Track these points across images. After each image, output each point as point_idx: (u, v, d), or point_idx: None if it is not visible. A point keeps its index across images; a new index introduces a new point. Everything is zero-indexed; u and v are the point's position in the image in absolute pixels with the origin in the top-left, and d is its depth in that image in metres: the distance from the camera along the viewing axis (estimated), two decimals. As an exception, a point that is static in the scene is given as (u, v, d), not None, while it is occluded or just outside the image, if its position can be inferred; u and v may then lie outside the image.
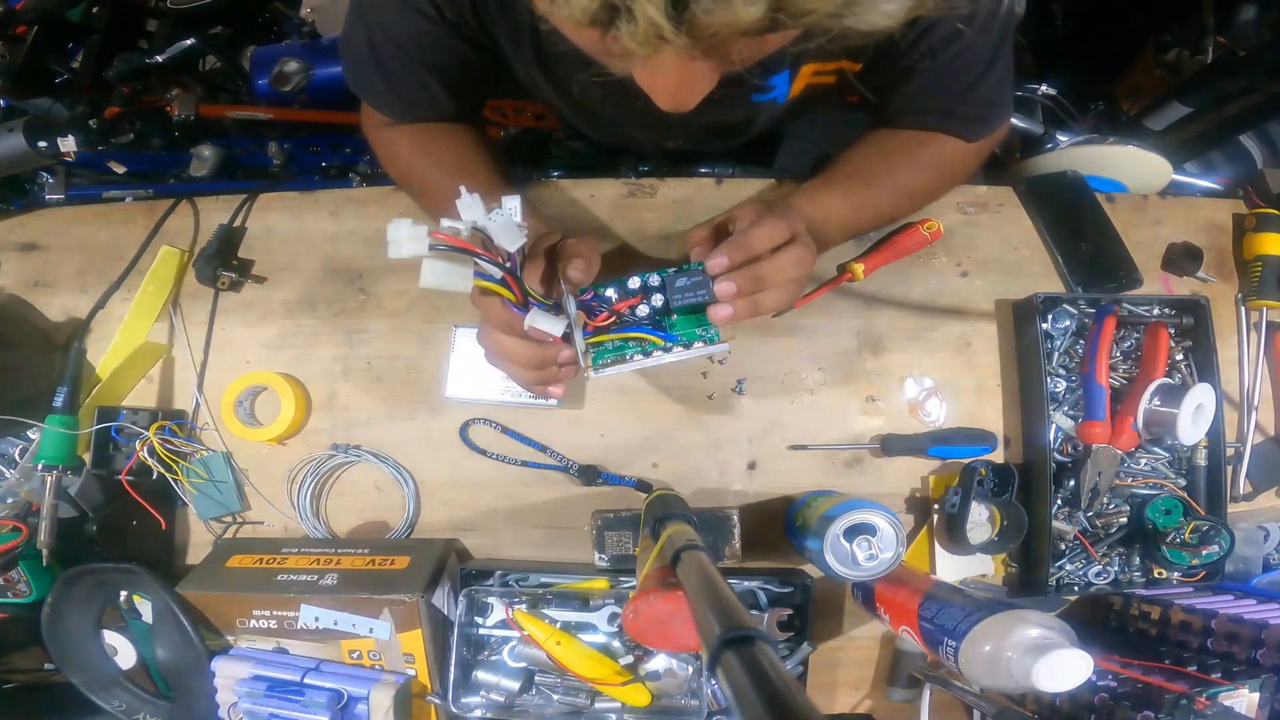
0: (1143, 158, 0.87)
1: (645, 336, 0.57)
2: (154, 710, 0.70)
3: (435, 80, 0.67)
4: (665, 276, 0.56)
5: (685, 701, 0.67)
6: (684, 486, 0.75)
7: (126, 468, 0.71)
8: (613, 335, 0.57)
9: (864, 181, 0.69)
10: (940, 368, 0.76)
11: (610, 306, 0.56)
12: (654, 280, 0.57)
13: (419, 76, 0.66)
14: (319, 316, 0.79)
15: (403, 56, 0.65)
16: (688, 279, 0.56)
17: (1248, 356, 0.77)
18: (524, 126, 1.19)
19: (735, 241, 0.55)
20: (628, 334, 0.57)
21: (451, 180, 0.69)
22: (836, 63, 0.64)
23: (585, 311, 0.56)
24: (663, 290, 0.56)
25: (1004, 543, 0.70)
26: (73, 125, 0.81)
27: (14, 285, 0.81)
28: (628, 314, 0.57)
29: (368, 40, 0.65)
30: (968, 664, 0.54)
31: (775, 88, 0.67)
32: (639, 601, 0.44)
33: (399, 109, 0.71)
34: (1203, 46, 1.27)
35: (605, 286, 0.57)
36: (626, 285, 0.57)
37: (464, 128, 0.74)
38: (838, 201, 0.67)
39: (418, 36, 0.63)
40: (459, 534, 0.75)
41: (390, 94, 0.69)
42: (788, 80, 0.66)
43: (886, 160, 0.70)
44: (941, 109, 0.67)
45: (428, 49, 0.64)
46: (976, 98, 0.66)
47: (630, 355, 0.57)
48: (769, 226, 0.55)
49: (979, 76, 0.64)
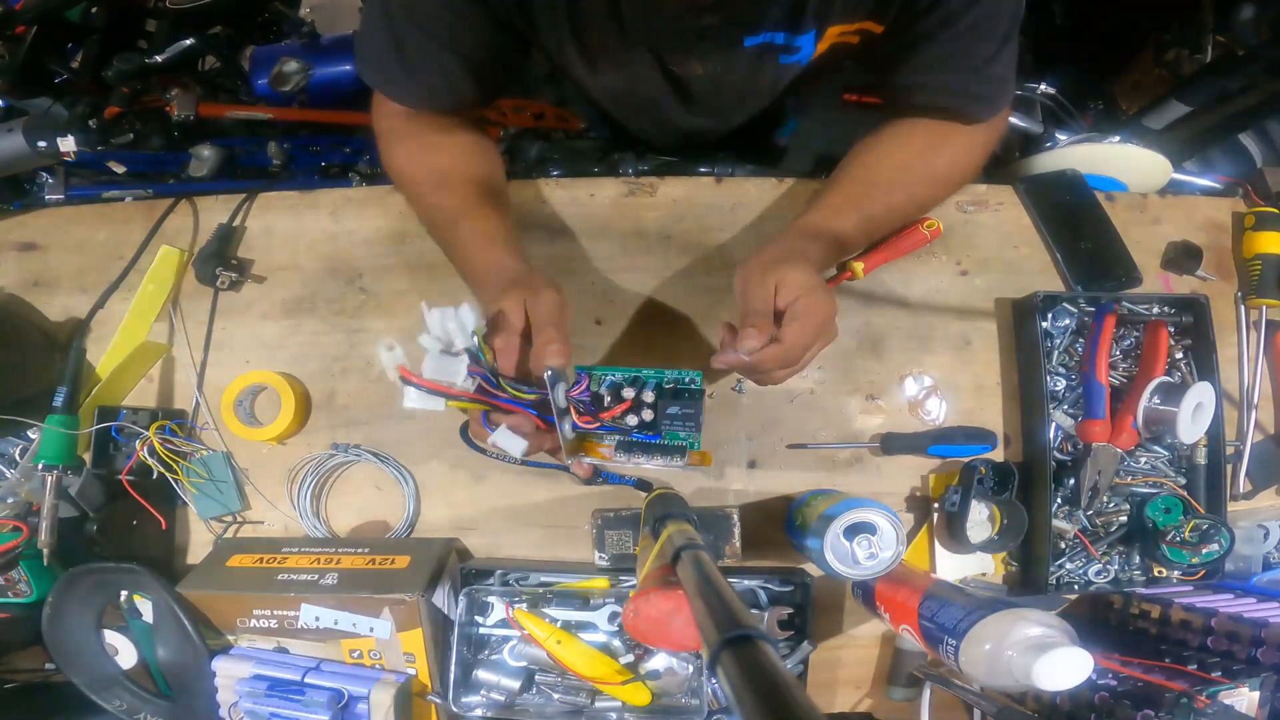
0: (1142, 156, 0.87)
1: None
2: (154, 710, 0.69)
3: (456, 63, 0.66)
4: (661, 397, 0.58)
5: (685, 700, 0.67)
6: (684, 486, 0.75)
7: (127, 467, 0.71)
8: (602, 436, 0.59)
9: (880, 193, 0.70)
10: (940, 366, 0.76)
11: (598, 414, 0.57)
12: (648, 395, 0.58)
13: (440, 59, 0.66)
14: (319, 316, 0.79)
15: (424, 38, 0.64)
16: (679, 406, 0.58)
17: (1247, 355, 0.77)
18: (524, 127, 1.20)
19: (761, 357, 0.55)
20: (615, 434, 0.59)
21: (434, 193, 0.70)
22: (860, 23, 0.64)
23: (574, 407, 0.57)
24: (654, 408, 0.58)
25: (1004, 541, 0.70)
26: (72, 125, 0.81)
27: (14, 285, 0.81)
28: (619, 422, 0.58)
29: (387, 24, 0.65)
30: (968, 663, 0.54)
31: (801, 49, 0.67)
32: (639, 600, 0.44)
33: (416, 95, 0.69)
34: (1202, 45, 1.27)
35: (601, 372, 0.58)
36: (620, 391, 0.58)
37: (468, 135, 0.74)
38: (853, 217, 0.68)
39: (443, 14, 0.63)
40: (459, 533, 0.75)
41: (408, 79, 0.68)
42: (813, 41, 0.66)
43: (902, 172, 0.70)
44: (955, 85, 0.67)
45: (453, 27, 0.64)
46: (989, 74, 0.66)
47: (617, 451, 0.59)
48: (799, 335, 0.56)
49: (993, 53, 0.64)
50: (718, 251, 0.79)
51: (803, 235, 0.65)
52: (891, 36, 0.65)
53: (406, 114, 0.71)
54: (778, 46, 0.67)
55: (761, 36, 0.65)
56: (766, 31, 0.65)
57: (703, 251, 0.78)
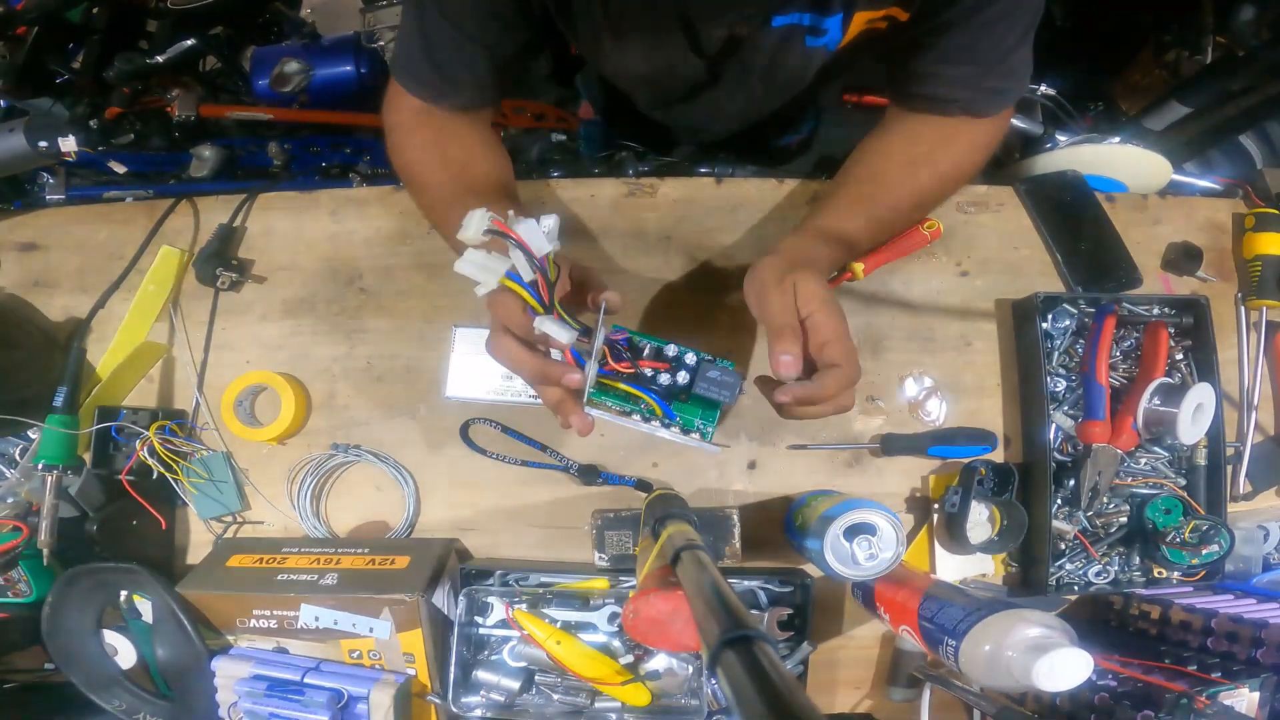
0: (1142, 157, 0.87)
1: (651, 403, 0.57)
2: (154, 710, 0.69)
3: (483, 59, 0.67)
4: (701, 361, 0.57)
5: (685, 701, 0.67)
6: (684, 486, 0.75)
7: (126, 467, 0.71)
8: (623, 385, 0.57)
9: (887, 193, 0.69)
10: (940, 367, 0.76)
11: (636, 360, 0.56)
12: (690, 359, 0.57)
13: (468, 56, 0.67)
14: (319, 316, 0.79)
15: (456, 34, 0.65)
16: (719, 374, 0.56)
17: (1247, 356, 0.77)
18: (524, 127, 1.20)
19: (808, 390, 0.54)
20: (638, 392, 0.57)
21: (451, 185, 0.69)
22: (888, 8, 0.64)
23: (609, 348, 0.56)
24: (693, 372, 0.56)
25: (1004, 542, 0.70)
26: (73, 125, 0.81)
27: (14, 285, 0.81)
28: (648, 374, 0.57)
29: (418, 18, 0.66)
30: (968, 663, 0.54)
31: (828, 31, 0.67)
32: (639, 601, 0.44)
33: (439, 91, 0.70)
34: (1202, 46, 1.27)
35: (642, 338, 0.57)
36: (662, 348, 0.57)
37: (482, 133, 0.74)
38: (861, 217, 0.67)
39: (475, 9, 0.64)
40: (459, 534, 0.75)
41: (433, 76, 0.69)
42: (840, 26, 0.66)
43: (909, 171, 0.70)
44: (971, 77, 0.67)
45: (485, 22, 0.65)
46: (1005, 68, 0.66)
47: (630, 413, 0.57)
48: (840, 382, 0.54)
49: (1011, 46, 0.64)
50: (718, 252, 0.79)
51: (812, 238, 0.65)
52: (915, 23, 0.65)
53: (422, 109, 0.71)
54: (804, 28, 0.66)
55: (790, 17, 0.65)
56: (795, 11, 0.65)
57: (703, 252, 0.78)
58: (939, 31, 0.64)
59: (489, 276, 0.50)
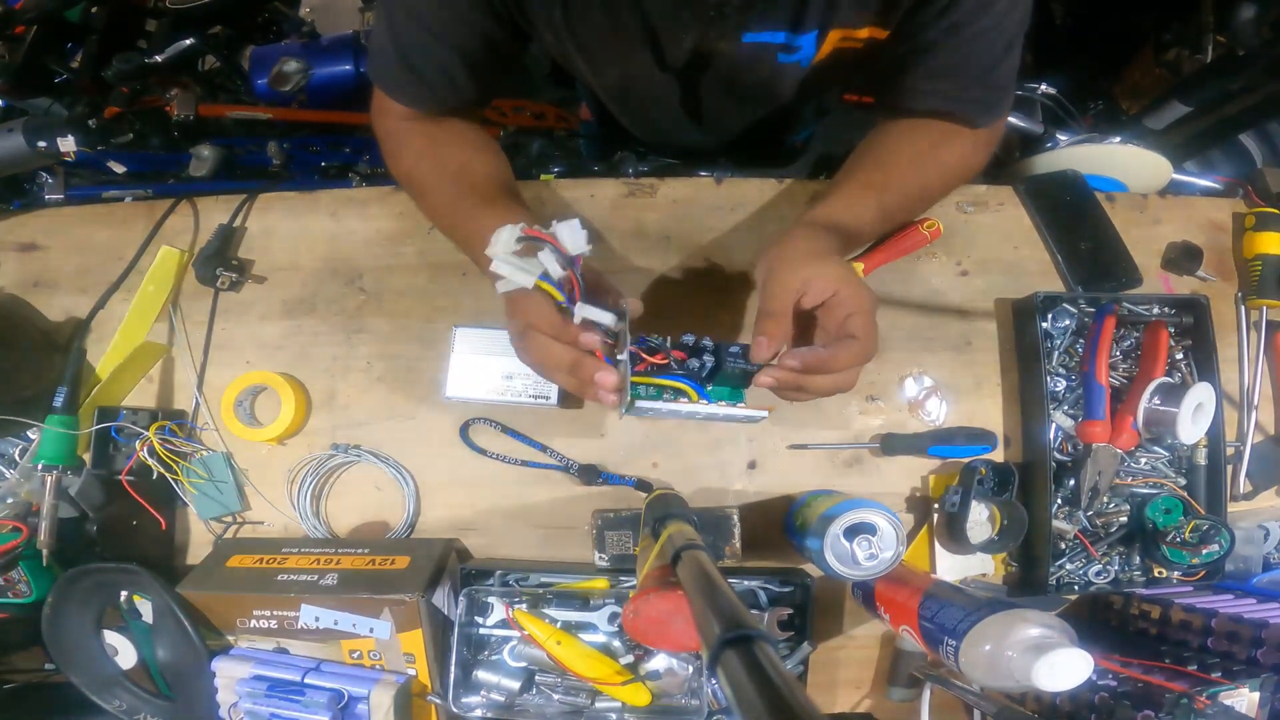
0: (1142, 157, 0.87)
1: (687, 389, 0.56)
2: (154, 710, 0.70)
3: (456, 60, 0.66)
4: (718, 344, 0.56)
5: (685, 701, 0.67)
6: (684, 486, 0.75)
7: (126, 468, 0.71)
8: (654, 380, 0.56)
9: (895, 183, 0.69)
10: (940, 367, 0.76)
11: (666, 351, 0.56)
12: (707, 342, 0.57)
13: (438, 56, 0.66)
14: (319, 316, 0.79)
15: (425, 36, 0.64)
16: (740, 348, 0.56)
17: (1247, 355, 0.77)
18: (523, 126, 1.20)
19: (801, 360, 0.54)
20: (670, 381, 0.56)
21: (453, 188, 0.69)
22: (865, 29, 0.64)
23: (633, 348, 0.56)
24: (715, 353, 0.56)
25: (1004, 542, 0.70)
26: (72, 125, 0.81)
27: (14, 285, 0.81)
28: (675, 364, 0.56)
29: (388, 25, 0.65)
30: (968, 663, 0.54)
31: (801, 48, 0.66)
32: (639, 601, 0.45)
33: (417, 96, 0.69)
34: (1203, 46, 1.27)
35: (657, 336, 0.57)
36: (681, 338, 0.57)
37: (474, 133, 0.74)
38: (871, 206, 0.67)
39: (439, 11, 0.63)
40: (459, 534, 0.75)
41: (409, 80, 0.67)
42: (814, 43, 0.66)
43: (916, 162, 0.70)
44: (957, 92, 0.67)
45: (450, 24, 0.64)
46: (991, 82, 0.66)
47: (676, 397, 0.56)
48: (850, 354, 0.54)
49: (996, 61, 0.64)
50: (718, 252, 0.78)
51: (822, 227, 0.64)
52: (896, 42, 0.65)
53: (409, 115, 0.71)
54: (777, 45, 0.66)
55: (763, 35, 0.65)
56: (768, 30, 0.65)
57: (703, 252, 0.78)
58: (922, 50, 0.63)
59: (525, 278, 0.50)
